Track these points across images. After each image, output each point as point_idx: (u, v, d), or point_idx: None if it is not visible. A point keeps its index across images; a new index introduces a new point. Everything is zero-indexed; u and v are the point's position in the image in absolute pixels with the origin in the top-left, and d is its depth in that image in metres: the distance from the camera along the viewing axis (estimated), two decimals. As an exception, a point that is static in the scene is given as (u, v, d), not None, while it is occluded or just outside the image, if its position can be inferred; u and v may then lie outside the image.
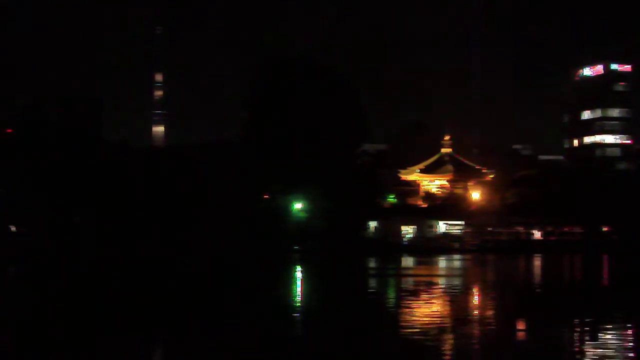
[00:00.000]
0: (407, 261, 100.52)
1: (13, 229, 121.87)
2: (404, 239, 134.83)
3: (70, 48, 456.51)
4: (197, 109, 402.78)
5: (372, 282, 67.83)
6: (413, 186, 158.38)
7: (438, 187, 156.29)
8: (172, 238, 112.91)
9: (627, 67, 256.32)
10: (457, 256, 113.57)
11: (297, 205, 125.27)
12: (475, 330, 34.04)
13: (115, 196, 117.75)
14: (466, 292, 54.59)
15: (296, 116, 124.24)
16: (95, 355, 28.15)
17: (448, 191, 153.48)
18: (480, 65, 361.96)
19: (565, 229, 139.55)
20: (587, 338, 32.37)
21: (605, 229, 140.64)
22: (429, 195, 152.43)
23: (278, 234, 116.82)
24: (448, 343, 30.48)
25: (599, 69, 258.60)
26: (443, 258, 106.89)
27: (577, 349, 29.66)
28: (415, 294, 52.22)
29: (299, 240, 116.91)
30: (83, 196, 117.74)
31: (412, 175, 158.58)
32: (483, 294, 53.85)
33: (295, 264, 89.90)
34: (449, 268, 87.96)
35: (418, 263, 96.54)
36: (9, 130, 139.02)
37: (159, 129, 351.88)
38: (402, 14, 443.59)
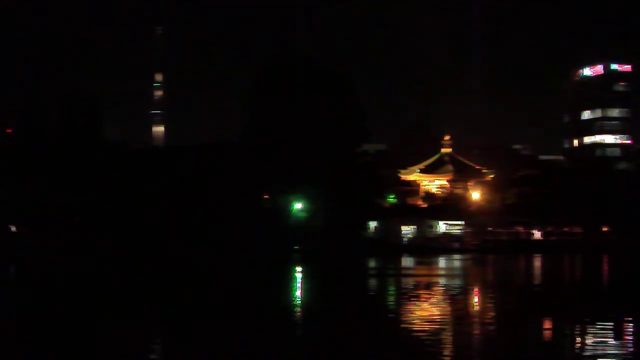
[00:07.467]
0: (407, 261, 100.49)
1: (13, 229, 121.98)
2: (404, 239, 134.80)
3: (70, 48, 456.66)
4: (197, 109, 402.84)
5: (372, 282, 67.82)
6: (413, 186, 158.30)
7: (438, 187, 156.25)
8: (171, 238, 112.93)
9: (627, 67, 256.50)
10: (457, 256, 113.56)
11: (297, 205, 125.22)
12: (476, 330, 34.05)
13: (114, 196, 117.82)
14: (466, 292, 54.59)
15: (296, 116, 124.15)
16: (94, 353, 28.17)
17: (448, 191, 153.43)
18: (481, 65, 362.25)
19: (565, 229, 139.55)
20: (591, 338, 32.34)
21: (605, 229, 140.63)
22: (429, 195, 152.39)
23: (278, 234, 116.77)
24: (448, 343, 30.47)
25: (599, 69, 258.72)
26: (443, 258, 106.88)
27: (580, 349, 29.65)
28: (415, 294, 52.22)
29: (299, 240, 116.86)
30: (83, 196, 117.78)
31: (412, 175, 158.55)
32: (483, 294, 53.85)
33: (295, 264, 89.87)
34: (449, 268, 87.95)
35: (418, 263, 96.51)
36: (9, 130, 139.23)
37: (159, 129, 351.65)
38: (402, 14, 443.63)
